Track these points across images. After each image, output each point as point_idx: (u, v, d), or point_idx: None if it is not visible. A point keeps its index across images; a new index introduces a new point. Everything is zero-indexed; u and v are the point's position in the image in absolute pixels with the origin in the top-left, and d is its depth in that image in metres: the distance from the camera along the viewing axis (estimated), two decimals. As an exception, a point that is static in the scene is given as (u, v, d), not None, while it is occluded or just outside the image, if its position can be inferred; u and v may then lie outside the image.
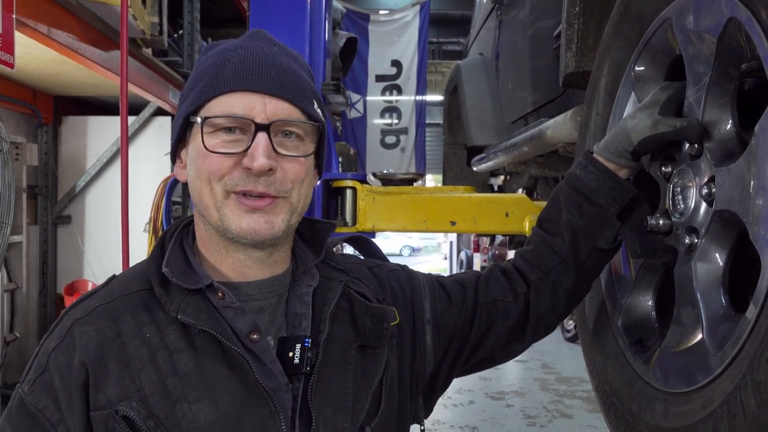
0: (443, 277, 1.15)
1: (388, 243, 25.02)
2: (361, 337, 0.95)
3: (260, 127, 0.86)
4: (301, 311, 0.94)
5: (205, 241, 0.94)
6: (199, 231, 0.95)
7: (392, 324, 0.98)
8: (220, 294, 0.89)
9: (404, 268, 1.13)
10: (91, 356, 0.85)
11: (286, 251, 0.97)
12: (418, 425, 1.09)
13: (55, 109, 5.52)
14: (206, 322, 0.87)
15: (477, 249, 13.25)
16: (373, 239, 2.76)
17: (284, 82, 0.89)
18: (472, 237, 13.12)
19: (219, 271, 0.93)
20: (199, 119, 0.88)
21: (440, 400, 1.14)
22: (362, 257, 1.17)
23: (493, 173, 3.70)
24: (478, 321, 1.08)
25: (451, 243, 17.34)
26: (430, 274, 1.15)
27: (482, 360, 1.12)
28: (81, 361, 0.85)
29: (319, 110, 0.93)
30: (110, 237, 5.17)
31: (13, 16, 2.82)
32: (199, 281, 0.89)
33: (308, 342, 0.90)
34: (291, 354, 0.89)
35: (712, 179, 0.95)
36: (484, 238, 10.84)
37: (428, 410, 1.10)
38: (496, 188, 3.96)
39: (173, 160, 0.98)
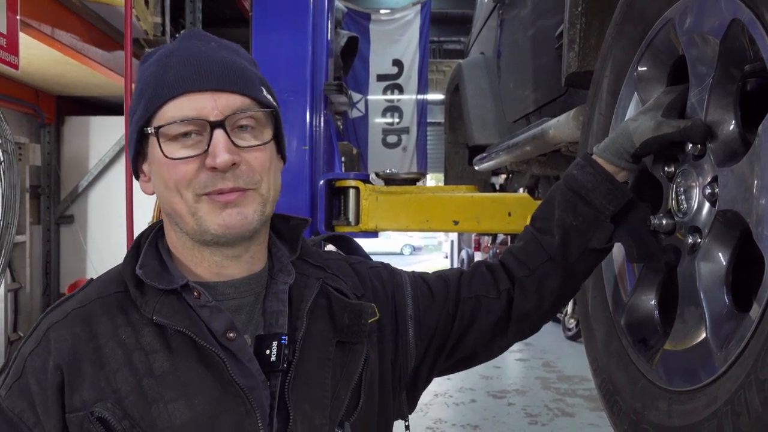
0: (427, 273, 1.14)
1: (389, 242, 24.95)
2: (339, 333, 0.96)
3: (215, 125, 0.86)
4: (277, 309, 0.94)
5: (179, 248, 0.93)
6: (170, 239, 0.95)
7: (371, 320, 0.98)
8: (195, 293, 0.89)
9: (386, 265, 1.13)
10: (66, 359, 0.85)
11: (262, 246, 0.97)
12: (403, 420, 1.09)
13: (57, 109, 5.54)
14: (181, 322, 0.87)
15: (478, 248, 13.24)
16: (372, 238, 2.77)
17: (228, 75, 0.88)
18: (473, 236, 13.11)
19: (194, 272, 0.93)
20: (152, 129, 0.88)
21: (442, 399, 1.14)
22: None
23: (495, 172, 3.71)
24: (460, 316, 1.08)
25: (452, 242, 17.35)
26: (413, 272, 1.14)
27: (465, 357, 1.11)
28: (56, 364, 0.85)
29: (269, 96, 0.93)
30: (113, 236, 5.17)
31: (18, 17, 2.83)
32: (174, 282, 0.89)
33: (285, 339, 0.90)
34: (268, 351, 0.89)
35: (715, 179, 0.96)
36: (486, 237, 10.85)
37: (412, 406, 1.10)
38: (497, 187, 3.96)
39: (136, 176, 0.97)
